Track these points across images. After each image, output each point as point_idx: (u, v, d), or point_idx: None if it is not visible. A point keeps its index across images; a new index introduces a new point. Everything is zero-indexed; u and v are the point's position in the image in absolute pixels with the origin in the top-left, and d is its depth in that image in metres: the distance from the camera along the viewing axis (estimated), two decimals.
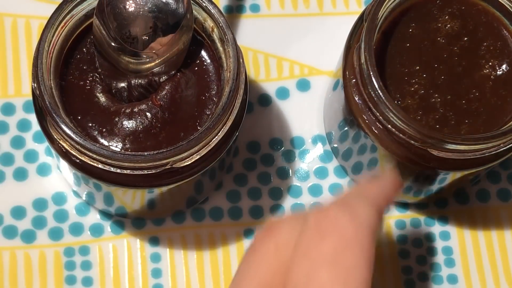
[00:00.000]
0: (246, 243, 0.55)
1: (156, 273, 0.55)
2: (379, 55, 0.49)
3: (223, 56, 0.48)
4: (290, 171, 0.57)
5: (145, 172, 0.45)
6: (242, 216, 0.56)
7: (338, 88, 0.51)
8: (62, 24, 0.47)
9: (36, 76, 0.45)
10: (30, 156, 0.55)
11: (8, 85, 0.56)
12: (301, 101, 0.58)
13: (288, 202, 0.56)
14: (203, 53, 0.49)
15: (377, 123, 0.47)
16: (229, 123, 0.46)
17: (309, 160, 0.57)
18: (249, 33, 0.58)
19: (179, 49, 0.47)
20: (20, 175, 0.55)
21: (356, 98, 0.48)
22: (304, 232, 0.41)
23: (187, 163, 0.45)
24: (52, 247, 0.54)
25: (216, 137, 0.46)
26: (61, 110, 0.46)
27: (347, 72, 0.49)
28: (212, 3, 0.47)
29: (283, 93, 0.58)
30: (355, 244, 0.40)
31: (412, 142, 0.46)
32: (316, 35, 0.59)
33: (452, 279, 0.55)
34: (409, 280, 0.55)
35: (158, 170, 0.45)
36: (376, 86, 0.46)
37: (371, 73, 0.46)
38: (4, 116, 0.56)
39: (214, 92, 0.48)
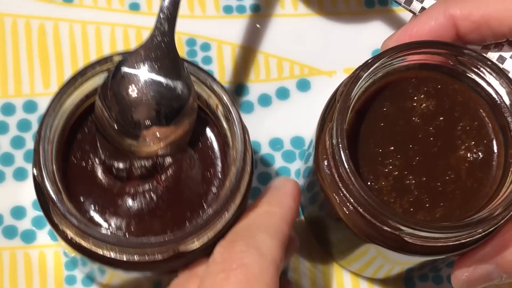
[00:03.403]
0: None
1: None
2: (352, 134, 0.47)
3: (228, 133, 0.46)
4: (290, 171, 0.57)
5: (151, 258, 0.44)
6: None
7: (310, 160, 0.49)
8: (62, 108, 0.45)
9: (38, 162, 0.44)
10: (30, 156, 0.55)
11: (8, 85, 0.56)
12: (301, 101, 0.58)
13: None
14: (208, 129, 0.48)
15: (348, 204, 0.45)
16: (237, 202, 0.44)
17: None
18: (249, 33, 0.58)
19: (184, 131, 0.46)
20: (20, 175, 0.55)
21: (328, 179, 0.46)
22: (209, 266, 0.41)
23: (194, 248, 0.44)
24: (52, 247, 0.54)
25: (224, 218, 0.44)
26: (64, 194, 0.44)
27: (319, 150, 0.47)
28: (216, 81, 0.46)
29: (283, 93, 0.58)
30: (260, 282, 0.40)
31: (385, 228, 0.44)
32: (316, 35, 0.59)
33: None
34: (409, 280, 0.55)
35: (164, 256, 0.44)
36: (348, 169, 0.44)
37: (343, 156, 0.44)
38: (4, 116, 0.56)
39: (219, 169, 0.47)
